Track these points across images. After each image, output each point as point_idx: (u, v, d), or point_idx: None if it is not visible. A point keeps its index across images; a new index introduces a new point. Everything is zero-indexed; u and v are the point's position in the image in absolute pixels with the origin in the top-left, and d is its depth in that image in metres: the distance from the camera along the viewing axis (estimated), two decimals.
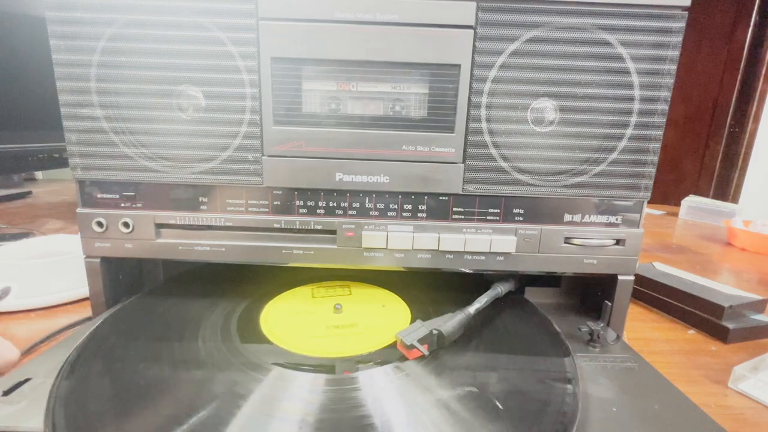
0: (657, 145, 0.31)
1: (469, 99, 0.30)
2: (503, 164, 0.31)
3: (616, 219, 0.33)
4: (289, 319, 0.33)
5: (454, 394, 0.25)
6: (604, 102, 0.30)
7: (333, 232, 0.33)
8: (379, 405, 0.24)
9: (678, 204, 1.02)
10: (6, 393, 0.23)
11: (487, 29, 0.29)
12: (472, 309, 0.32)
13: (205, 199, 0.32)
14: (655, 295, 0.46)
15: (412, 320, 0.33)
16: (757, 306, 0.42)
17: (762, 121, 1.77)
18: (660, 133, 0.31)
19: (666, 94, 0.30)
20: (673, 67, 0.29)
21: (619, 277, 0.34)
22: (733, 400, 0.30)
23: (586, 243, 0.33)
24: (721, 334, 0.39)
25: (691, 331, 0.41)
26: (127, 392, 0.24)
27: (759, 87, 1.76)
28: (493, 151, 0.31)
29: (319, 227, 0.33)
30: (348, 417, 0.22)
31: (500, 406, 0.24)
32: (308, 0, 0.29)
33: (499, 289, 0.35)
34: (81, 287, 0.42)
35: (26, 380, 0.25)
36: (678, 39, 0.29)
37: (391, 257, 0.33)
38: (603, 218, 0.33)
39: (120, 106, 0.30)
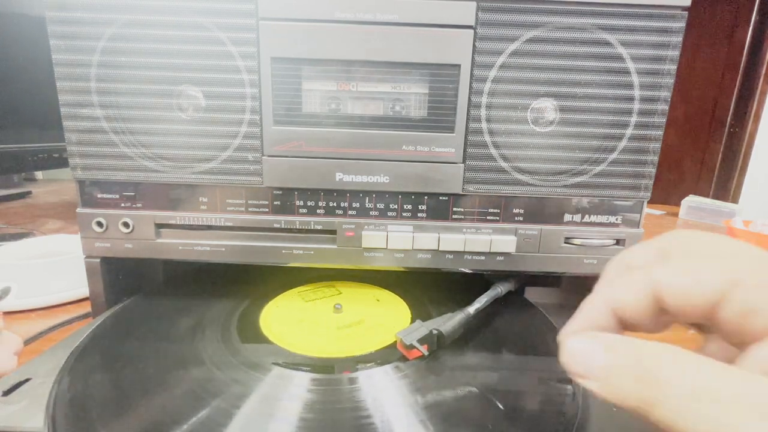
0: (657, 145, 0.31)
1: (469, 99, 0.30)
2: (503, 164, 0.31)
3: (616, 219, 0.33)
4: (289, 318, 0.33)
5: (454, 395, 0.25)
6: (604, 102, 0.30)
7: (333, 232, 0.33)
8: (379, 405, 0.24)
9: (678, 204, 1.02)
10: (6, 393, 0.23)
11: (487, 29, 0.29)
12: (471, 309, 0.32)
13: (205, 199, 0.32)
14: None
15: (412, 320, 0.33)
16: None
17: (762, 121, 1.77)
18: (660, 133, 0.31)
19: (666, 94, 0.30)
20: (673, 67, 0.29)
21: None
22: None
23: (586, 243, 0.33)
24: None
25: (691, 331, 0.41)
26: (127, 392, 0.24)
27: (759, 87, 1.76)
28: (493, 151, 0.31)
29: (319, 227, 0.33)
30: (348, 417, 0.22)
31: (501, 406, 0.24)
32: (308, 0, 0.29)
33: (499, 289, 0.35)
34: (81, 287, 0.42)
35: (26, 380, 0.25)
36: (678, 39, 0.29)
37: (391, 257, 0.33)
38: (603, 218, 0.33)
39: (120, 106, 0.30)
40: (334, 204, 0.32)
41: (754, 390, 0.13)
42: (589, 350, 0.17)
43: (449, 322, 0.30)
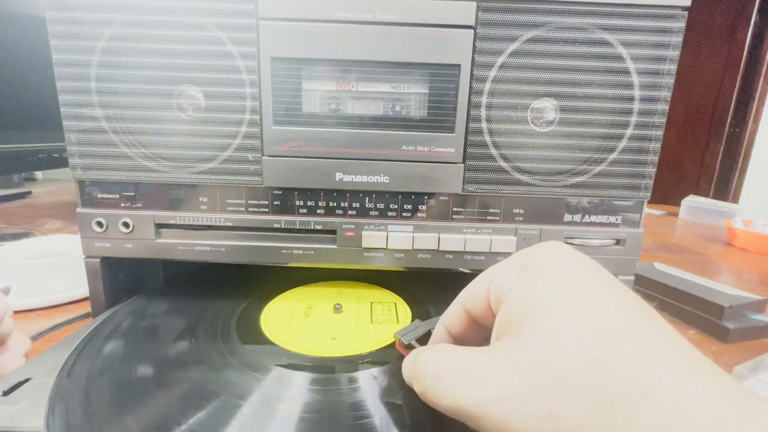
0: (657, 145, 0.31)
1: (469, 99, 0.30)
2: (503, 164, 0.31)
3: (616, 219, 0.33)
4: (289, 319, 0.33)
5: None
6: (605, 102, 0.30)
7: (333, 232, 0.33)
8: (378, 405, 0.24)
9: (678, 204, 1.02)
10: (6, 393, 0.23)
11: (487, 29, 0.29)
12: None
13: (205, 199, 0.32)
14: (655, 295, 0.46)
15: (412, 320, 0.33)
16: (757, 306, 0.42)
17: (762, 121, 1.77)
18: (660, 133, 0.31)
19: (666, 94, 0.30)
20: (674, 67, 0.29)
21: (619, 277, 0.34)
22: None
23: (586, 243, 0.33)
24: (721, 334, 0.39)
25: (691, 331, 0.41)
26: (127, 392, 0.24)
27: (759, 87, 1.76)
28: (493, 151, 0.31)
29: (319, 227, 0.33)
30: (348, 417, 0.22)
31: None
32: (308, 0, 0.29)
33: None
34: (81, 287, 0.42)
35: (26, 380, 0.25)
36: (678, 39, 0.29)
37: (391, 257, 0.33)
38: (603, 218, 0.33)
39: (120, 106, 0.30)
40: (334, 204, 0.32)
41: (462, 364, 0.17)
42: (406, 364, 0.21)
43: None
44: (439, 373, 0.18)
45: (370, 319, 0.33)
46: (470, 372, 0.17)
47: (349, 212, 0.33)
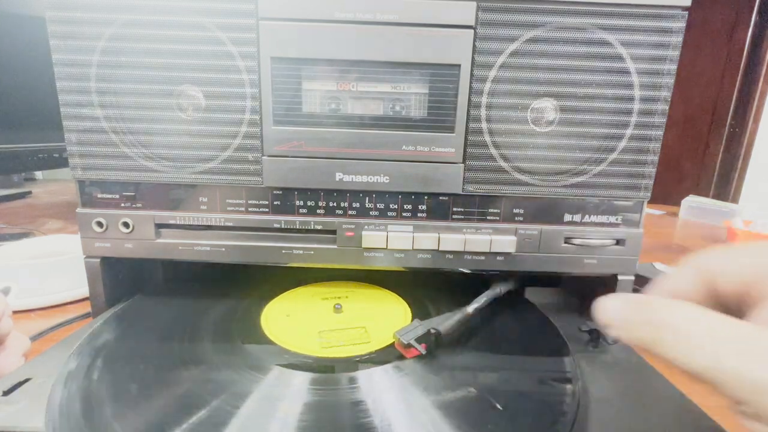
0: (657, 145, 0.31)
1: (469, 99, 0.30)
2: (503, 164, 0.31)
3: (616, 219, 0.33)
4: (289, 318, 0.33)
5: (454, 394, 0.25)
6: (605, 102, 0.30)
7: (333, 232, 0.33)
8: (378, 405, 0.24)
9: (678, 204, 1.02)
10: (6, 393, 0.23)
11: (487, 29, 0.29)
12: (470, 308, 0.32)
13: (205, 199, 0.32)
14: None
15: (412, 320, 0.33)
16: None
17: (762, 121, 1.77)
18: (660, 132, 0.31)
19: (666, 94, 0.30)
20: (674, 67, 0.29)
21: (619, 277, 0.34)
22: None
23: (586, 243, 0.33)
24: None
25: None
26: (127, 392, 0.24)
27: (759, 87, 1.76)
28: (493, 151, 0.31)
29: (319, 227, 0.33)
30: (347, 417, 0.22)
31: (500, 407, 0.24)
32: (308, 0, 0.29)
33: (499, 288, 0.35)
34: (81, 287, 0.42)
35: (26, 380, 0.25)
36: (678, 39, 0.29)
37: (391, 257, 0.33)
38: (603, 218, 0.33)
39: (120, 106, 0.30)
40: (334, 204, 0.32)
41: (739, 333, 0.15)
42: (610, 305, 0.20)
43: (447, 321, 0.30)
44: (699, 332, 0.16)
45: (370, 320, 0.33)
46: (754, 346, 0.15)
47: (349, 212, 0.33)
